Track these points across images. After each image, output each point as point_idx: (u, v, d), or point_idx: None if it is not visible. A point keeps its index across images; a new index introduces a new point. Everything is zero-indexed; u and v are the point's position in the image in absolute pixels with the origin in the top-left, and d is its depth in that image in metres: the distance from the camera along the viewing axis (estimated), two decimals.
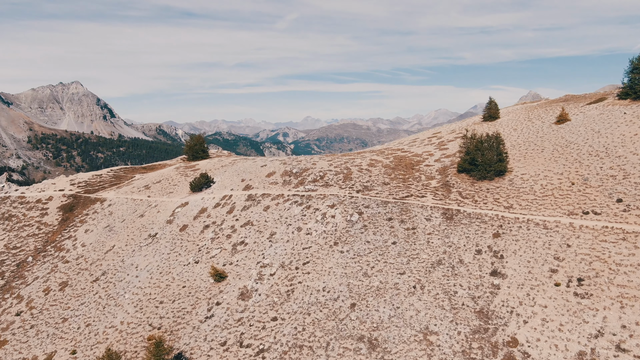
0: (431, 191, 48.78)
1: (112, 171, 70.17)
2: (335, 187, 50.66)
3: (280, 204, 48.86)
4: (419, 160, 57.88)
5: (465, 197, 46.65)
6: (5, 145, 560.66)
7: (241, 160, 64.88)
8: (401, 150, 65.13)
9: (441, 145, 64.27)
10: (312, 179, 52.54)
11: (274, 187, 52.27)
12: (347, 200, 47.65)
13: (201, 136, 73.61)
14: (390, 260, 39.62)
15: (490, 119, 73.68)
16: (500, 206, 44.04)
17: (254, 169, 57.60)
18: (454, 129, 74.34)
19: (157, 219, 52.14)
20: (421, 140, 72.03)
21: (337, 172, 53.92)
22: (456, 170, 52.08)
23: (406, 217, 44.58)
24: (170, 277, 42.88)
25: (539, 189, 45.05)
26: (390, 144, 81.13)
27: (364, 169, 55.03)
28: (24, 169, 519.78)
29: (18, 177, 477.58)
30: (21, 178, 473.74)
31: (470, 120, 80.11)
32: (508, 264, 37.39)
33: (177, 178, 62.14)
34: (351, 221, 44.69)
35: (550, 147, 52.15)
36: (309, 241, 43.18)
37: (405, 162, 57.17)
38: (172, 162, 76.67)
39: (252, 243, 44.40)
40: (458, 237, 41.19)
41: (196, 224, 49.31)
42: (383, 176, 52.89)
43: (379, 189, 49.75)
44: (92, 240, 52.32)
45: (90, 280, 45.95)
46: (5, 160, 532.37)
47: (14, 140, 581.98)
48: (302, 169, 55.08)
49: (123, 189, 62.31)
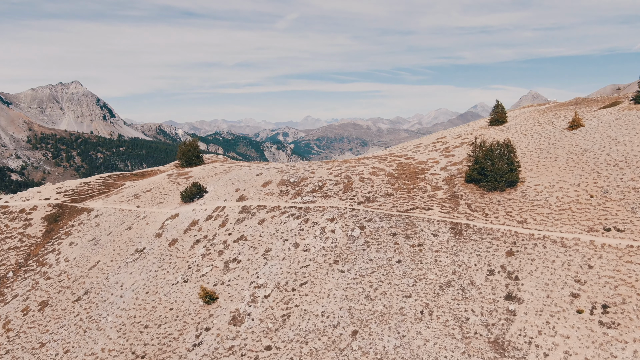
0: (438, 203, 45.59)
1: (101, 178, 67.01)
2: (335, 198, 47.49)
3: (276, 216, 45.68)
4: (424, 168, 54.68)
5: (474, 210, 43.46)
6: (5, 145, 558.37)
7: (236, 167, 61.72)
8: (404, 157, 61.93)
9: (447, 151, 61.06)
10: (310, 189, 49.36)
11: (270, 197, 49.09)
12: (347, 213, 44.47)
13: (195, 141, 70.37)
14: (395, 281, 36.44)
15: (497, 123, 70.49)
16: (513, 221, 40.84)
17: (249, 177, 54.41)
18: (459, 133, 71.14)
19: (145, 232, 48.95)
20: (425, 145, 68.82)
21: (337, 181, 50.73)
22: (464, 180, 48.89)
23: (411, 232, 41.39)
24: (157, 297, 39.70)
25: (554, 202, 41.85)
26: (392, 148, 77.94)
27: (365, 178, 51.84)
28: (24, 169, 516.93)
29: (17, 177, 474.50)
30: (20, 178, 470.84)
31: (476, 124, 76.92)
32: (524, 287, 34.21)
33: (168, 186, 58.95)
34: (352, 236, 41.51)
35: (564, 156, 48.95)
36: (307, 259, 40.00)
37: (410, 171, 53.98)
38: (165, 168, 73.50)
39: (246, 260, 41.22)
40: (468, 255, 38.01)
41: (186, 238, 46.12)
42: (386, 186, 49.70)
43: (382, 201, 46.57)
44: (76, 254, 49.15)
45: (71, 299, 42.77)
46: (4, 160, 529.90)
47: (13, 140, 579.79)
48: (300, 178, 51.90)
49: (112, 198, 59.13)
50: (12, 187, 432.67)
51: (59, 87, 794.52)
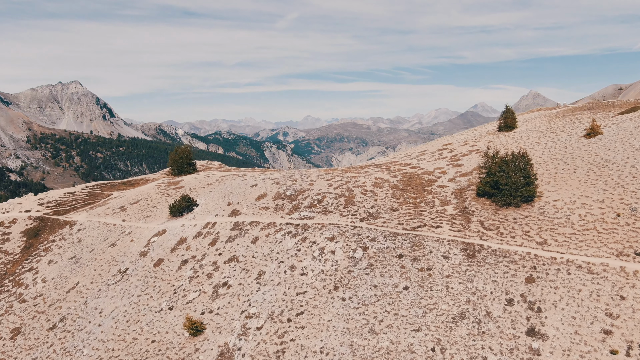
0: (447, 220, 41.78)
1: (87, 188, 63.21)
2: (336, 213, 43.68)
3: (271, 234, 41.87)
4: (431, 179, 50.86)
5: (488, 229, 39.65)
6: (4, 145, 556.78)
7: (230, 176, 57.88)
8: (409, 166, 58.11)
9: (454, 160, 57.23)
10: (308, 203, 45.55)
11: (265, 213, 45.28)
12: (349, 232, 40.66)
13: (187, 148, 66.54)
14: (402, 312, 32.64)
15: (506, 129, 66.70)
16: (531, 241, 37.02)
17: (242, 189, 50.59)
18: (466, 139, 67.31)
19: (129, 250, 45.16)
20: (431, 152, 64.99)
21: (338, 194, 46.92)
22: (475, 194, 45.08)
23: (419, 253, 37.58)
24: (138, 327, 35.90)
25: (577, 220, 38.03)
26: (396, 155, 74.10)
27: (368, 190, 48.02)
28: (23, 169, 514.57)
29: (16, 177, 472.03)
30: (19, 178, 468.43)
31: (484, 129, 73.09)
32: (548, 320, 30.42)
33: (157, 198, 55.15)
34: (354, 258, 37.70)
35: (584, 167, 45.12)
36: (304, 284, 36.19)
37: (416, 182, 50.17)
38: (156, 176, 69.67)
39: (237, 285, 37.40)
40: (483, 281, 34.20)
41: (173, 258, 42.32)
42: (390, 200, 45.90)
43: (387, 217, 42.75)
44: (55, 274, 45.37)
45: (46, 327, 38.99)
46: (3, 160, 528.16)
47: (12, 140, 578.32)
48: (297, 190, 48.09)
49: (97, 210, 55.32)
50: (11, 187, 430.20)
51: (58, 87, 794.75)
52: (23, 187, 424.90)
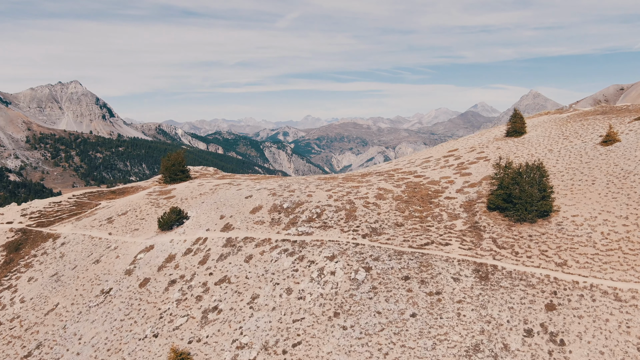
0: (457, 236, 38.62)
1: (75, 197, 60.10)
2: (336, 229, 40.52)
3: (266, 252, 38.72)
4: (437, 190, 47.70)
5: (502, 247, 36.50)
6: (4, 145, 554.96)
7: (224, 185, 54.74)
8: (414, 174, 54.94)
9: (461, 168, 54.07)
10: (306, 217, 42.39)
11: (260, 227, 42.12)
12: (350, 250, 37.52)
13: (180, 154, 63.42)
14: (410, 343, 29.50)
15: (515, 134, 63.55)
16: (550, 262, 33.88)
17: (236, 200, 47.44)
18: (473, 145, 64.15)
19: (114, 268, 42.03)
20: (436, 159, 61.83)
21: (338, 207, 43.76)
22: (486, 207, 41.93)
23: (427, 275, 34.43)
24: (119, 357, 32.75)
25: (599, 238, 34.88)
26: (399, 161, 70.91)
27: (370, 202, 44.87)
28: (22, 169, 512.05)
29: (15, 177, 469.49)
30: (18, 179, 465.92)
31: (491, 134, 69.94)
32: (573, 356, 27.28)
33: (146, 209, 52.01)
34: (356, 280, 34.56)
35: (603, 178, 41.97)
36: (302, 309, 33.05)
37: (421, 193, 47.01)
38: (147, 184, 66.53)
39: (228, 310, 34.26)
40: (499, 307, 31.06)
41: (160, 277, 39.18)
42: (395, 213, 42.74)
43: (391, 233, 39.60)
44: (34, 293, 42.26)
45: (21, 354, 35.84)
46: (3, 160, 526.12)
47: (12, 140, 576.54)
48: (294, 202, 44.93)
49: (83, 222, 52.18)
50: (10, 188, 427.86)
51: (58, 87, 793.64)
52: (22, 187, 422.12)
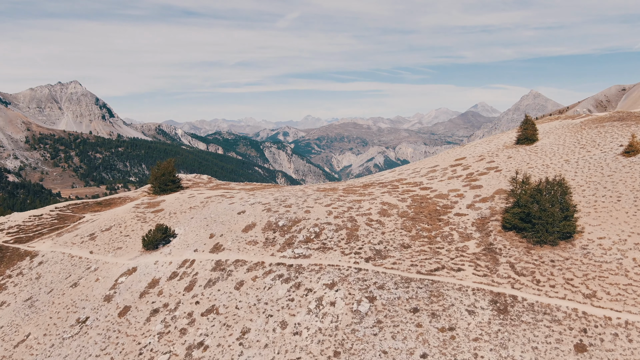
0: (470, 260, 34.90)
1: (57, 210, 56.39)
2: (336, 251, 36.79)
3: (258, 278, 35.00)
4: (446, 205, 43.96)
5: (521, 274, 32.77)
6: (3, 146, 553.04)
7: (216, 198, 51.04)
8: (419, 186, 51.19)
9: (471, 180, 50.33)
10: (304, 237, 38.66)
11: (252, 248, 38.40)
12: (352, 276, 33.80)
13: (171, 163, 59.70)
14: None
15: (526, 142, 59.80)
16: (577, 293, 30.17)
17: (228, 217, 43.71)
18: (481, 154, 60.41)
19: (92, 293, 38.32)
20: (442, 169, 58.08)
21: (339, 225, 40.03)
22: (501, 226, 38.21)
23: (439, 307, 30.72)
24: None
25: (631, 266, 31.17)
26: (403, 170, 67.14)
27: (374, 220, 41.15)
28: (21, 170, 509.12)
29: (14, 178, 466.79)
30: (17, 179, 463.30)
31: (500, 141, 66.19)
32: None
33: (131, 224, 48.32)
34: (359, 312, 30.86)
35: (630, 195, 38.24)
36: (297, 347, 29.35)
37: (429, 209, 43.29)
38: (136, 194, 62.84)
39: (215, 346, 30.55)
40: (521, 347, 27.35)
41: (142, 305, 35.45)
42: (400, 233, 39.02)
43: (397, 256, 35.88)
44: (5, 321, 38.56)
45: None
46: (2, 161, 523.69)
47: (11, 140, 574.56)
48: (291, 220, 41.20)
49: (64, 238, 48.49)
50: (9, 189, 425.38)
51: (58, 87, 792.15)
52: (21, 188, 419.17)
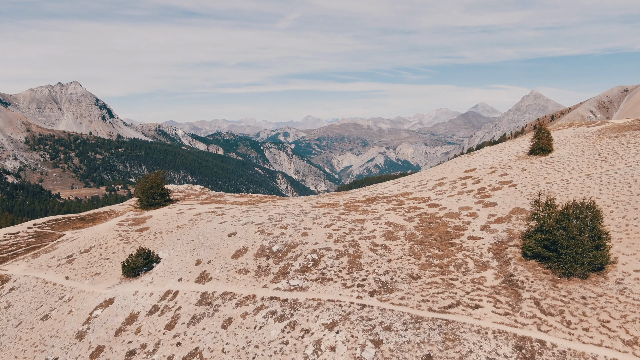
0: (488, 295, 30.81)
1: (36, 227, 52.36)
2: (337, 282, 32.71)
3: (249, 315, 30.92)
4: (458, 226, 39.87)
5: (548, 313, 28.68)
6: (2, 147, 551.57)
7: (206, 216, 46.99)
8: (427, 202, 47.08)
9: (483, 195, 46.23)
10: (300, 265, 34.59)
11: (243, 278, 34.32)
12: (355, 314, 29.73)
13: (159, 174, 55.63)
14: None
15: (541, 153, 55.70)
16: (615, 339, 26.08)
17: (217, 239, 39.62)
18: (492, 165, 56.29)
19: (64, 328, 34.28)
20: (451, 182, 53.98)
21: (339, 252, 35.95)
22: (521, 254, 34.12)
23: (455, 353, 26.62)
24: None
25: None
26: (408, 181, 63.01)
27: (378, 244, 37.07)
28: (21, 171, 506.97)
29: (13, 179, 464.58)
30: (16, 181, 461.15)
31: (511, 151, 62.07)
32: None
33: (113, 245, 44.30)
34: (363, 359, 26.81)
35: None
36: None
37: (439, 230, 39.19)
38: (122, 208, 58.78)
39: None
40: None
41: (117, 346, 31.38)
42: (409, 260, 34.93)
43: (406, 289, 31.79)
44: None
45: None
46: (2, 162, 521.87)
47: (11, 141, 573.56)
48: (286, 244, 37.11)
49: (39, 260, 44.49)
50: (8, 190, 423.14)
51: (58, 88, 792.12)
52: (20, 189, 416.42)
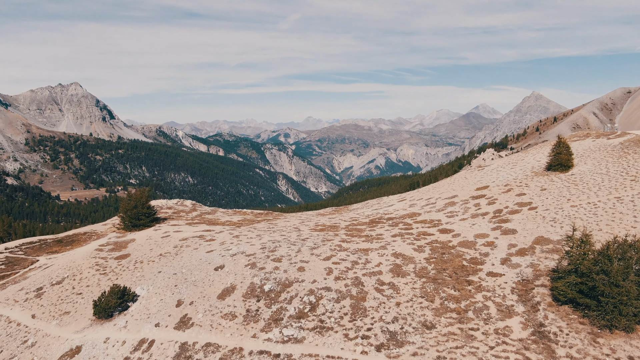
0: (516, 350, 26.10)
1: (7, 251, 47.71)
2: (338, 333, 28.08)
3: None
4: (474, 258, 35.21)
5: None
6: (3, 148, 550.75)
7: (193, 242, 42.35)
8: (438, 227, 42.38)
9: (500, 220, 41.53)
10: (295, 309, 29.95)
11: (229, 325, 29.70)
12: None
13: (144, 191, 50.99)
14: None
15: (560, 169, 51.03)
16: None
17: (203, 273, 34.97)
18: (507, 182, 51.62)
19: None
20: (462, 201, 49.31)
21: (341, 292, 31.31)
22: (550, 296, 29.47)
23: None
24: None
25: None
26: (414, 198, 58.29)
27: (385, 282, 32.42)
28: (21, 172, 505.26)
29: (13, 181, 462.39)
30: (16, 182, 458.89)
31: (526, 165, 57.38)
32: None
33: (88, 276, 39.73)
34: None
35: None
36: None
37: (453, 264, 34.54)
38: (104, 228, 54.09)
39: None
40: None
41: None
42: (420, 303, 30.28)
43: (418, 342, 27.15)
44: None
45: None
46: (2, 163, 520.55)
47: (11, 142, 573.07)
48: (280, 282, 32.47)
49: (6, 292, 39.87)
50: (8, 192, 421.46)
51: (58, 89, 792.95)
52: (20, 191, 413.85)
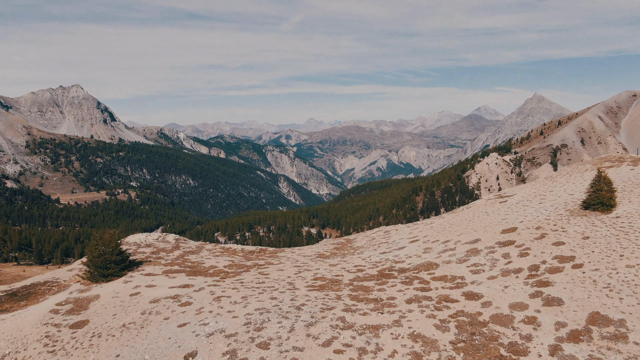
0: None
1: None
2: None
3: None
4: (514, 344, 27.70)
5: None
6: (3, 150, 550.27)
7: (164, 306, 34.98)
8: (462, 289, 34.80)
9: (537, 280, 33.96)
10: None
11: None
12: None
13: (114, 235, 43.60)
14: None
15: (601, 208, 43.55)
16: None
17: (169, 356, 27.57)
18: (538, 223, 44.12)
19: None
20: (487, 248, 41.78)
21: None
22: None
23: None
24: None
25: None
26: (429, 242, 50.73)
27: None
28: (21, 175, 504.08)
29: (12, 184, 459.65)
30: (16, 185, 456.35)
31: (557, 199, 49.87)
32: None
33: (33, 354, 32.34)
34: None
35: None
36: None
37: (488, 353, 27.02)
38: (68, 276, 46.31)
39: None
40: None
41: None
42: None
43: None
44: None
45: None
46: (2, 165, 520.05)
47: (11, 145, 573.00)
48: None
49: None
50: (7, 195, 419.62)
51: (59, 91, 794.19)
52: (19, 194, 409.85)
